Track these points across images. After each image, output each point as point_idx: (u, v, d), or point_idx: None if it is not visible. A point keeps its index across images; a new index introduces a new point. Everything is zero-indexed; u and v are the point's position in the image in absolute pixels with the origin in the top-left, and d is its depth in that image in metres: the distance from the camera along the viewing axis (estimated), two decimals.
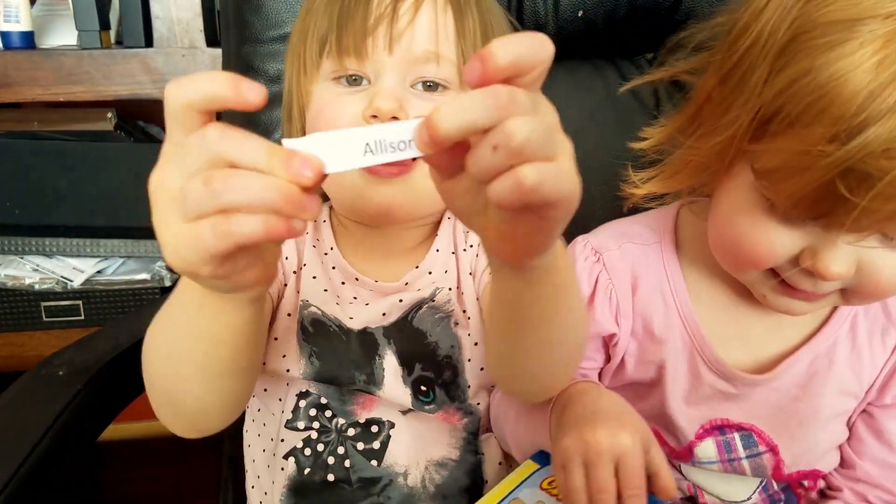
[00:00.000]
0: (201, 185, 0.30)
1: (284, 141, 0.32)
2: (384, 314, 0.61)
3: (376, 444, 0.60)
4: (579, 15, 0.76)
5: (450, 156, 0.32)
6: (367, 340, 0.60)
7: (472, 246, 0.63)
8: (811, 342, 0.56)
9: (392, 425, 0.60)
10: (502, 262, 0.37)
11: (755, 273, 0.50)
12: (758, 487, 0.60)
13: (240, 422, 0.78)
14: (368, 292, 0.62)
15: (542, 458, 0.55)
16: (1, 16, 1.07)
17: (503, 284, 0.40)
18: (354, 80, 0.56)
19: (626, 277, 0.59)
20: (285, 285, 0.62)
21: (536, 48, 0.30)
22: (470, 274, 0.62)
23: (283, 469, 0.60)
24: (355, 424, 0.60)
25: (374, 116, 0.53)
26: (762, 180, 0.45)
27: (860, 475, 0.59)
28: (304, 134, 0.58)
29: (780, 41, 0.44)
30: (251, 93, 0.30)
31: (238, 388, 0.48)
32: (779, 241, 0.46)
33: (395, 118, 0.53)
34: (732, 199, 0.49)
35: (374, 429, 0.60)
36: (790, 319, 0.56)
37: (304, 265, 0.62)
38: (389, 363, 0.60)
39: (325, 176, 0.31)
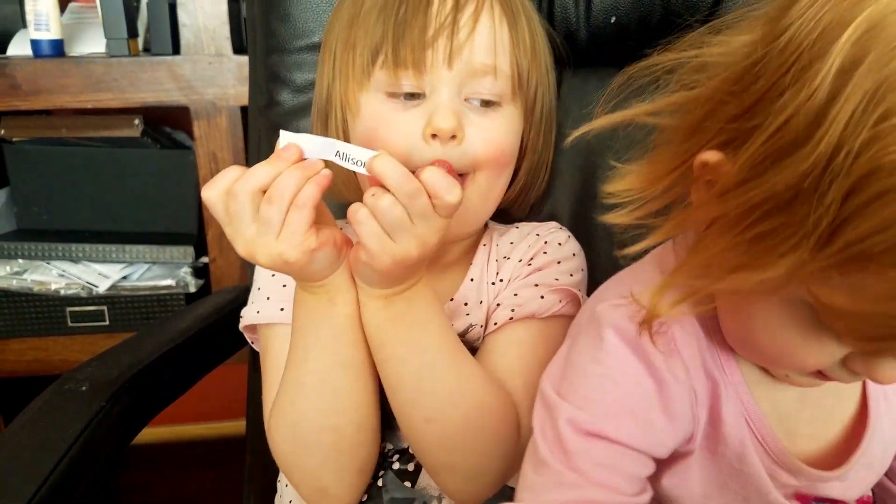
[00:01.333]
0: (269, 206, 0.45)
1: (282, 132, 0.47)
2: None
3: (410, 466, 0.58)
4: (612, 21, 0.74)
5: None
6: None
7: (500, 280, 0.61)
8: (864, 444, 0.50)
9: None
10: (355, 272, 0.52)
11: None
12: None
13: (262, 434, 0.77)
14: None
15: None
16: (31, 24, 1.08)
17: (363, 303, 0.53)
18: (411, 97, 0.55)
19: (695, 348, 0.46)
20: None
21: (446, 188, 0.46)
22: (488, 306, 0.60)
23: None
24: (399, 450, 0.59)
25: (434, 136, 0.52)
26: (829, 316, 0.37)
27: None
28: (343, 138, 0.59)
29: (851, 168, 0.32)
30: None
31: (377, 390, 0.55)
32: (829, 351, 0.40)
33: (453, 137, 0.52)
34: (773, 313, 0.41)
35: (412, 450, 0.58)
36: (828, 411, 0.51)
37: None
38: None
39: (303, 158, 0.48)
